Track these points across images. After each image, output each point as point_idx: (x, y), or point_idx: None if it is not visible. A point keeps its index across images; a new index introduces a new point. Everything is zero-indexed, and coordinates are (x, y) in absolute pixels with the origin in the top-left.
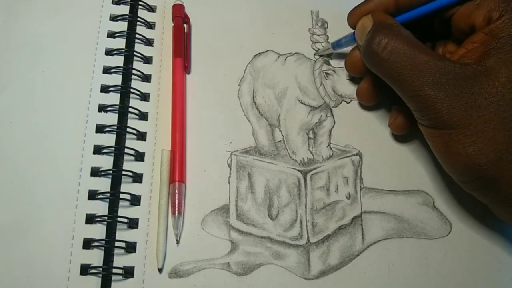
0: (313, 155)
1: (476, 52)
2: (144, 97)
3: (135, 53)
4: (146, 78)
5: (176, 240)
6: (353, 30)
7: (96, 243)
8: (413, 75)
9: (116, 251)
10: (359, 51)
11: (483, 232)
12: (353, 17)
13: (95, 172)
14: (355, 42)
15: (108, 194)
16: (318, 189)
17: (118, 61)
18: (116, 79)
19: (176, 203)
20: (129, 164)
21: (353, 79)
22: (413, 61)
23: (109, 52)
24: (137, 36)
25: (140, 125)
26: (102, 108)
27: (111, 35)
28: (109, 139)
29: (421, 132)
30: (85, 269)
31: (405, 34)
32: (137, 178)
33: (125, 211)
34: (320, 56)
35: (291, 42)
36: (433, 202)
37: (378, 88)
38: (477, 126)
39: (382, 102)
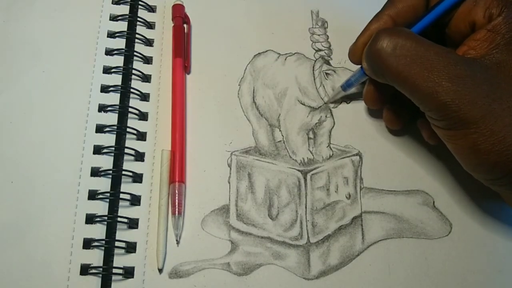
0: (313, 155)
1: (482, 49)
2: (144, 97)
3: (135, 53)
4: (146, 78)
5: (176, 240)
6: (359, 66)
7: (96, 243)
8: (426, 68)
9: (116, 251)
10: (373, 83)
11: (483, 232)
12: (355, 52)
13: (95, 172)
14: (365, 76)
15: (108, 194)
16: (318, 189)
17: (118, 61)
18: (116, 79)
19: (176, 203)
20: (129, 164)
21: None
22: (423, 53)
23: (109, 52)
24: (137, 36)
25: (140, 125)
26: (102, 108)
27: (111, 35)
28: (109, 139)
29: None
30: (85, 269)
31: (408, 31)
32: (137, 178)
33: (125, 211)
34: (332, 102)
35: (291, 42)
36: (433, 202)
37: (401, 113)
38: (504, 119)
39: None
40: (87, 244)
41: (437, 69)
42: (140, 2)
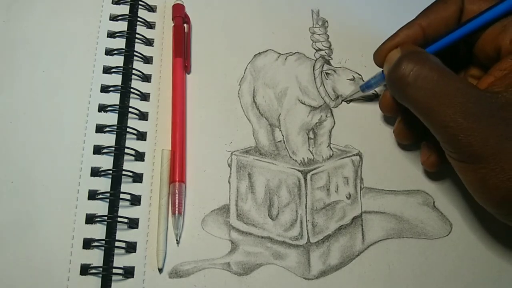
0: (313, 155)
1: (506, 80)
2: (144, 97)
3: (135, 53)
4: (146, 78)
5: (176, 240)
6: (381, 69)
7: (96, 243)
8: (444, 104)
9: (116, 251)
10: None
11: (483, 232)
12: (380, 54)
13: (95, 172)
14: (384, 80)
15: (108, 194)
16: (318, 189)
17: (118, 61)
18: (116, 79)
19: (176, 203)
20: (129, 164)
21: (353, 80)
22: (443, 88)
23: (109, 52)
24: (137, 36)
25: (140, 125)
26: (102, 108)
27: (111, 35)
28: (109, 139)
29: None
30: (85, 269)
31: (434, 61)
32: (137, 178)
33: (125, 211)
34: (349, 101)
35: (292, 41)
36: (433, 202)
37: (414, 127)
38: None
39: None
40: (87, 244)
41: (454, 105)
42: (140, 2)
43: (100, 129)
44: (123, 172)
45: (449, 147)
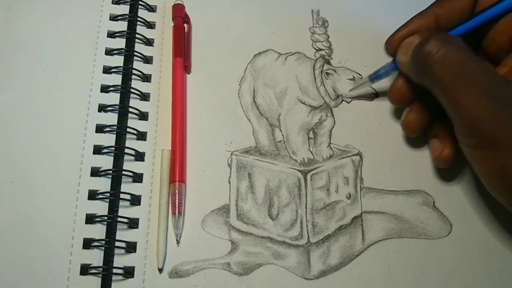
0: (313, 155)
1: None
2: (144, 97)
3: (135, 53)
4: (146, 78)
5: (176, 240)
6: (391, 59)
7: (96, 243)
8: (470, 83)
9: (116, 251)
10: (403, 79)
11: (483, 232)
12: (394, 42)
13: (95, 172)
14: (395, 70)
15: (108, 194)
16: (318, 189)
17: (118, 61)
18: (116, 79)
19: (176, 203)
20: (129, 164)
21: (353, 79)
22: (471, 68)
23: (109, 52)
24: (137, 36)
25: (140, 125)
26: (102, 108)
27: (111, 35)
28: (109, 139)
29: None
30: (85, 269)
31: (460, 42)
32: (137, 178)
33: (125, 211)
34: (358, 97)
35: (292, 41)
36: (433, 202)
37: (424, 117)
38: None
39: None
40: (87, 244)
41: (481, 86)
42: (140, 2)
43: (100, 129)
44: (123, 172)
45: (469, 131)
